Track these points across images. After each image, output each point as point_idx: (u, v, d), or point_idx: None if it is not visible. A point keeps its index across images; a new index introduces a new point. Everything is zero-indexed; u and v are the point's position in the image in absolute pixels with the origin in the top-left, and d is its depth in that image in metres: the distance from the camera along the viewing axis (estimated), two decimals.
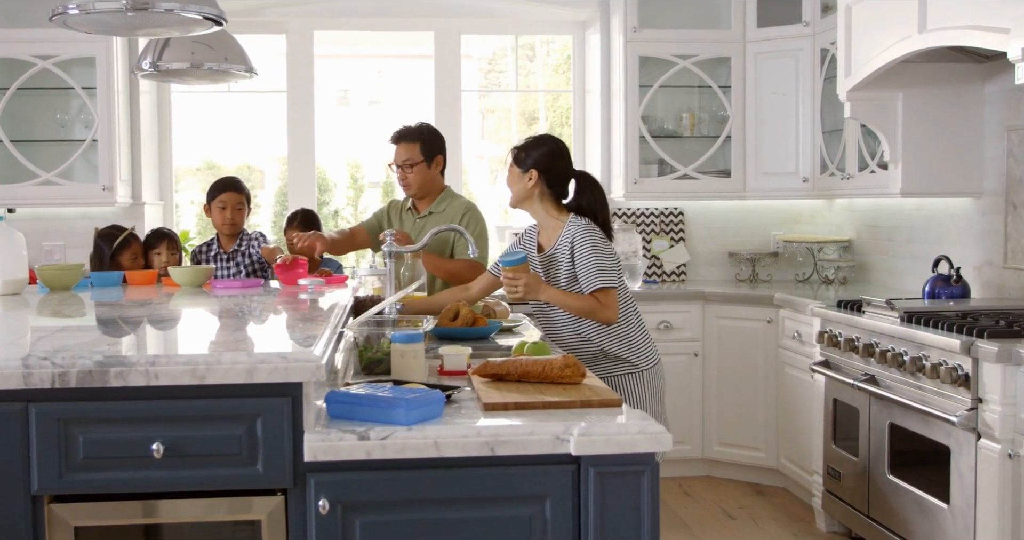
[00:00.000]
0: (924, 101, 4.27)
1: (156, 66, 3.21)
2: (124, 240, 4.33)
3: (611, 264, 3.21)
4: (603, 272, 3.16)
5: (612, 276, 3.18)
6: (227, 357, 1.87)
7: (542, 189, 3.32)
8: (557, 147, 3.36)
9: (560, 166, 3.34)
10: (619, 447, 1.91)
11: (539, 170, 3.30)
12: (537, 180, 3.30)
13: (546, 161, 3.31)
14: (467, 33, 5.95)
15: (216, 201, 4.42)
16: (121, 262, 4.35)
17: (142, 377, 1.85)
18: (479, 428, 1.92)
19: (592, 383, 2.26)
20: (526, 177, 3.30)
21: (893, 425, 3.68)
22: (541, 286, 3.18)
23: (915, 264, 4.81)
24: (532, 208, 3.36)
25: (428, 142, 4.14)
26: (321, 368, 1.89)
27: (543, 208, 3.34)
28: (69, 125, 5.30)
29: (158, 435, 1.88)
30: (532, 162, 3.30)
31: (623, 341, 3.26)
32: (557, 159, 3.34)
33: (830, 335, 4.13)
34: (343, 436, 1.88)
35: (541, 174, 3.30)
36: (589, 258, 3.17)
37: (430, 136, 4.17)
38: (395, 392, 1.98)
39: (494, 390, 2.18)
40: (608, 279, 3.16)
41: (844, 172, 4.86)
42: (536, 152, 3.32)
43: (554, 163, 3.32)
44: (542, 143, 3.35)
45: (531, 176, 3.29)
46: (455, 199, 4.20)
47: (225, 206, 4.41)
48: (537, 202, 3.34)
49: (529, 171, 3.30)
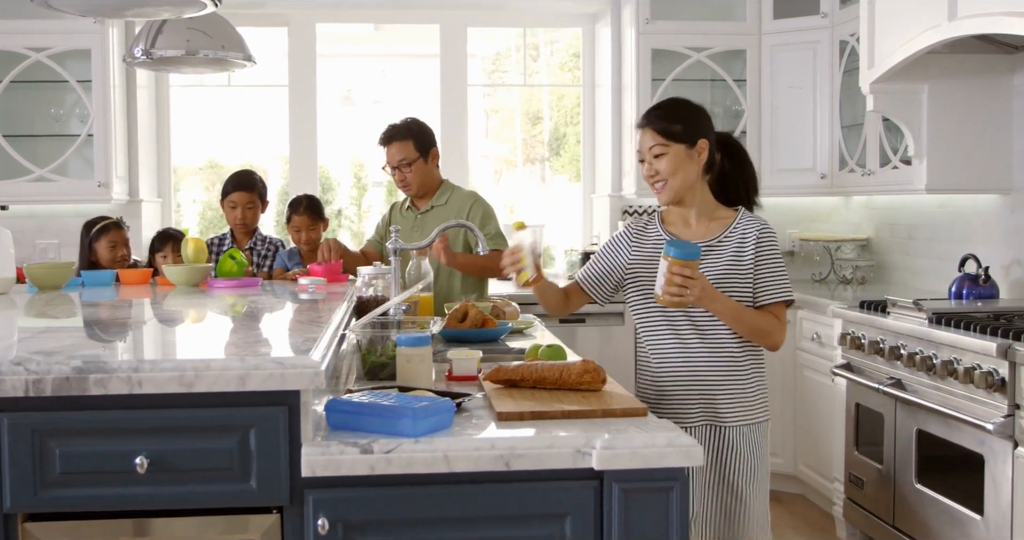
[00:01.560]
0: (950, 93, 4.10)
1: (149, 53, 3.05)
2: (103, 227, 4.17)
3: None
4: (787, 281, 2.55)
5: (790, 288, 2.58)
6: (217, 363, 1.71)
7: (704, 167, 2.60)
8: (702, 109, 2.66)
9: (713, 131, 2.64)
10: (646, 461, 1.75)
11: (711, 140, 2.59)
12: (707, 152, 2.57)
13: (710, 127, 2.61)
14: (473, 26, 5.79)
15: (227, 200, 4.30)
16: (97, 249, 4.19)
17: (124, 385, 1.69)
18: (493, 440, 1.76)
19: (613, 390, 2.09)
20: (695, 153, 2.56)
21: (921, 431, 3.51)
22: (716, 293, 2.44)
23: (938, 263, 4.64)
24: (692, 196, 2.61)
25: (420, 137, 3.97)
26: (320, 375, 1.72)
27: (704, 192, 2.63)
28: (64, 120, 5.15)
29: (142, 448, 1.72)
30: (702, 130, 2.58)
31: (761, 377, 2.62)
32: (710, 123, 2.63)
33: (853, 337, 3.96)
34: (344, 449, 1.72)
35: (711, 144, 2.58)
36: (778, 262, 2.55)
37: (420, 131, 4.00)
38: (401, 400, 1.82)
39: (508, 398, 2.02)
40: (790, 291, 2.56)
41: (865, 168, 4.69)
42: (698, 115, 2.61)
43: (712, 128, 2.63)
44: (692, 105, 2.64)
45: (701, 150, 2.56)
46: (456, 190, 4.04)
47: (236, 206, 4.28)
48: (700, 185, 2.61)
49: (698, 143, 2.56)
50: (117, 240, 4.22)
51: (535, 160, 6.52)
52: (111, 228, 4.20)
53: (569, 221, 6.06)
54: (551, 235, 5.95)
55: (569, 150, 6.31)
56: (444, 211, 3.96)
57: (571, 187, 6.17)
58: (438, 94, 5.74)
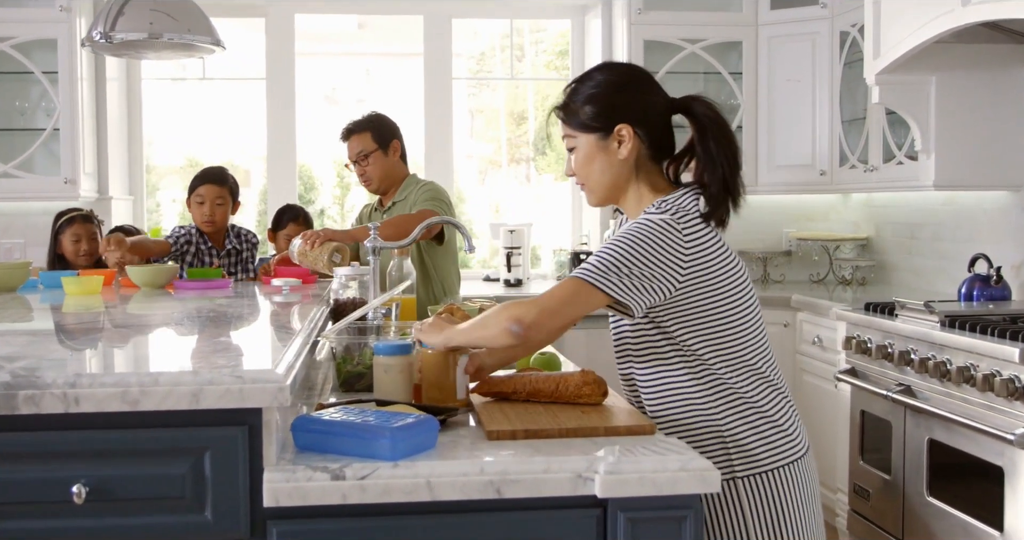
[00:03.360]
0: (959, 85, 3.91)
1: (108, 37, 2.82)
2: (68, 219, 3.93)
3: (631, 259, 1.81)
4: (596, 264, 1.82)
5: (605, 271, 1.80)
6: (166, 377, 1.49)
7: (640, 155, 1.96)
8: (631, 75, 2.00)
9: (653, 103, 1.96)
10: (656, 487, 1.54)
11: (645, 119, 1.95)
12: (633, 140, 1.94)
13: (643, 101, 1.95)
14: (458, 17, 5.58)
15: (194, 195, 3.92)
16: (62, 242, 3.95)
17: (59, 402, 1.47)
18: (482, 464, 1.54)
19: (616, 404, 1.88)
20: (610, 143, 1.95)
21: (933, 441, 3.32)
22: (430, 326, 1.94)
23: (943, 263, 4.45)
24: (626, 197, 2.00)
25: (379, 128, 3.79)
26: (285, 390, 1.51)
27: (644, 189, 1.98)
28: (29, 113, 4.90)
29: (80, 475, 1.50)
30: (623, 110, 1.94)
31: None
32: (646, 92, 1.97)
33: (859, 341, 3.77)
34: (312, 475, 1.50)
35: (636, 127, 1.94)
36: (609, 244, 1.86)
37: (379, 122, 3.82)
38: (378, 418, 1.61)
39: (499, 413, 1.80)
40: (589, 270, 1.81)
41: (867, 164, 4.50)
42: (617, 88, 1.96)
43: (647, 101, 1.96)
44: (612, 74, 2.00)
45: (622, 138, 1.94)
46: (419, 184, 3.82)
47: (203, 201, 3.90)
48: (638, 182, 1.97)
49: (615, 130, 1.94)
50: (81, 233, 3.98)
51: (520, 160, 6.33)
52: (76, 220, 3.96)
53: (556, 221, 5.87)
54: (538, 235, 5.74)
55: (555, 149, 6.13)
56: (403, 207, 3.76)
57: (557, 186, 5.99)
58: (422, 90, 5.53)
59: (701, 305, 1.87)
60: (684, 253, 1.85)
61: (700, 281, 1.87)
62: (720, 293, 1.88)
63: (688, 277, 1.85)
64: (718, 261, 1.89)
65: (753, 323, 1.92)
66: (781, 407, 1.93)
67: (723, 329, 1.89)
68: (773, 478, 1.90)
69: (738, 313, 1.90)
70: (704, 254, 1.88)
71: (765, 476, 1.89)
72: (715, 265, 1.88)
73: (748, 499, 1.88)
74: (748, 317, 1.92)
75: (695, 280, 1.86)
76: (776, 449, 1.91)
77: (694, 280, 1.86)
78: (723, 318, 1.89)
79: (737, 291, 1.91)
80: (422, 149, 5.49)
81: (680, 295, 1.86)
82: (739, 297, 1.91)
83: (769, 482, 1.89)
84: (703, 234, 1.89)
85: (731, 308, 1.89)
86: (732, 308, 1.90)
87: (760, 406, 1.90)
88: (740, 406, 1.89)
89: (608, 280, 1.80)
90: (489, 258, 5.85)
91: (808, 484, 1.95)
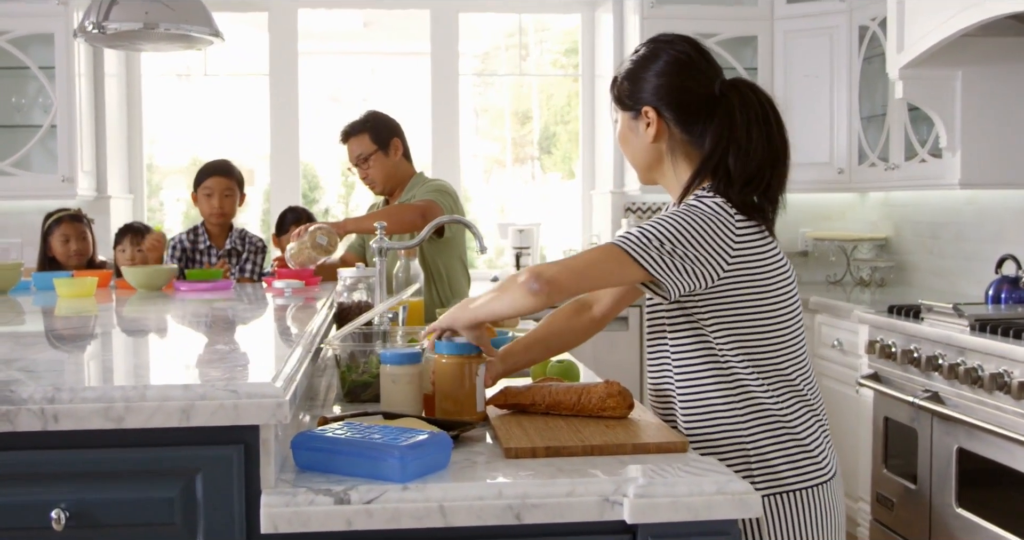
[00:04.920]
0: (986, 80, 3.77)
1: (101, 27, 2.69)
2: (57, 219, 3.81)
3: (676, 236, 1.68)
4: (636, 231, 1.70)
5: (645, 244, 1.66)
6: (154, 391, 1.36)
7: (673, 139, 1.83)
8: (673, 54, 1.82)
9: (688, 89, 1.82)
10: (691, 512, 1.40)
11: (659, 105, 1.81)
12: (657, 124, 1.82)
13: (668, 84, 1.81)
14: (466, 11, 5.45)
15: (202, 187, 3.88)
16: (51, 243, 3.83)
17: (36, 419, 1.34)
18: (500, 487, 1.41)
19: (643, 418, 1.74)
20: (638, 124, 1.84)
21: (962, 450, 3.18)
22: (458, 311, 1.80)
23: (966, 264, 4.31)
24: (664, 178, 1.88)
25: (377, 128, 3.65)
26: (284, 406, 1.38)
27: (677, 178, 1.85)
28: (25, 109, 4.77)
29: (60, 499, 1.36)
30: (650, 91, 1.81)
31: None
32: (684, 76, 1.82)
33: (883, 345, 3.63)
34: (314, 498, 1.37)
35: (663, 110, 1.82)
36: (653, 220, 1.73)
37: (378, 122, 3.68)
38: (387, 434, 1.48)
39: (517, 428, 1.67)
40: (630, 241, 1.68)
41: (888, 162, 4.36)
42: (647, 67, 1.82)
43: (682, 86, 1.81)
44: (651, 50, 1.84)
45: (649, 121, 1.82)
46: (426, 183, 3.68)
47: (212, 193, 3.86)
48: (671, 165, 1.85)
49: (642, 112, 1.82)
50: (70, 234, 3.86)
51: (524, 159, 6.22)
52: (64, 220, 3.84)
53: (563, 220, 5.74)
54: (546, 235, 5.60)
55: (561, 148, 6.02)
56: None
57: (563, 185, 5.86)
58: (429, 87, 5.41)
59: (741, 303, 1.73)
60: (734, 240, 1.71)
61: (745, 275, 1.72)
62: (763, 293, 1.74)
63: (733, 267, 1.71)
64: (767, 258, 1.75)
65: (794, 333, 1.78)
66: (812, 428, 1.79)
67: (760, 333, 1.75)
68: (794, 500, 1.76)
69: (779, 319, 1.76)
70: (753, 247, 1.73)
71: (786, 497, 1.75)
72: (763, 261, 1.74)
73: (767, 519, 1.74)
74: (789, 326, 1.78)
75: (740, 273, 1.72)
76: (800, 470, 1.76)
77: (739, 273, 1.72)
78: (762, 321, 1.75)
79: (782, 295, 1.76)
80: (429, 148, 5.36)
81: (722, 287, 1.72)
82: (783, 302, 1.77)
83: (789, 503, 1.76)
84: (754, 226, 1.75)
85: (773, 312, 1.75)
86: (774, 312, 1.76)
87: (788, 422, 1.76)
88: (768, 420, 1.75)
89: (648, 253, 1.66)
90: (495, 258, 5.72)
91: (832, 511, 1.80)
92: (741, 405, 1.75)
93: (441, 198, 3.48)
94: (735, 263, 1.71)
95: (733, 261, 1.70)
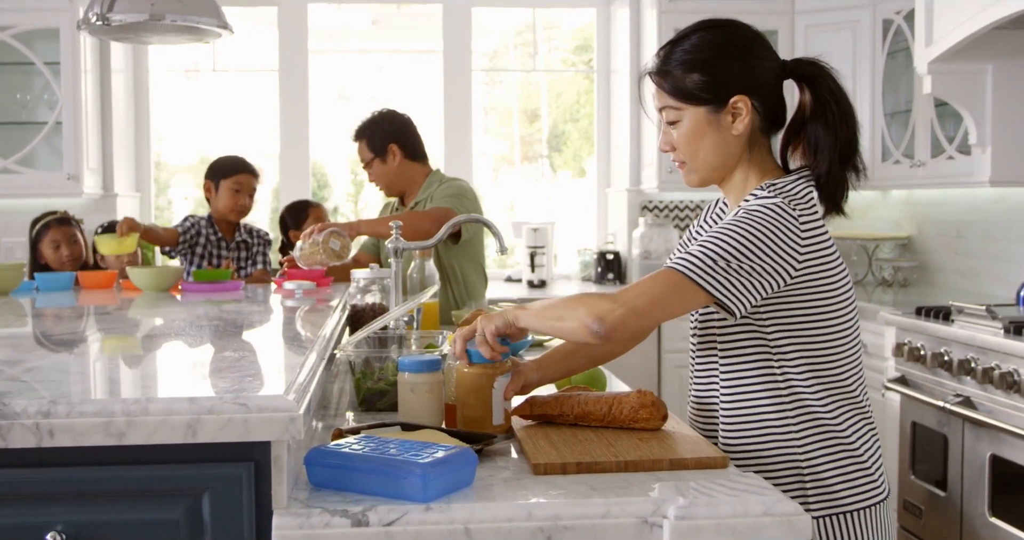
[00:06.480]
0: (1019, 74, 3.65)
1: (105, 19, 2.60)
2: (44, 225, 3.72)
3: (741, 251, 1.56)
4: (698, 254, 1.57)
5: (710, 266, 1.54)
6: (157, 405, 1.26)
7: (755, 130, 1.70)
8: (742, 36, 1.71)
9: (767, 69, 1.69)
10: (735, 536, 1.30)
11: (760, 88, 1.67)
12: (751, 113, 1.67)
13: (757, 67, 1.67)
14: (478, 6, 5.35)
15: (230, 181, 3.83)
16: (41, 250, 3.74)
17: (30, 435, 1.24)
18: (529, 507, 1.31)
19: (678, 430, 1.64)
20: (724, 117, 1.68)
21: (996, 457, 3.07)
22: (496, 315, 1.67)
23: (994, 264, 4.19)
24: (731, 176, 1.74)
25: (372, 136, 3.57)
26: (297, 421, 1.28)
27: (753, 168, 1.72)
28: (30, 106, 4.69)
29: (56, 520, 1.27)
30: (739, 79, 1.66)
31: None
32: (760, 56, 1.69)
33: (911, 348, 3.51)
34: (330, 520, 1.27)
35: (754, 99, 1.67)
36: (712, 234, 1.60)
37: (374, 128, 3.59)
38: (406, 449, 1.38)
39: (544, 441, 1.57)
40: (692, 264, 1.55)
41: (913, 159, 4.24)
42: (730, 54, 1.67)
43: (762, 66, 1.68)
44: (722, 36, 1.70)
45: (737, 112, 1.67)
46: (443, 182, 3.58)
47: (240, 189, 3.84)
48: (749, 159, 1.72)
49: (731, 102, 1.66)
50: (60, 239, 3.77)
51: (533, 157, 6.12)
52: (52, 225, 3.75)
53: (575, 218, 5.64)
54: (560, 235, 5.49)
55: (571, 146, 5.91)
56: (425, 206, 3.51)
57: (574, 183, 5.76)
58: (437, 85, 5.32)
59: (805, 306, 1.62)
60: (801, 242, 1.59)
61: (810, 277, 1.61)
62: (827, 295, 1.63)
63: (802, 270, 1.60)
64: (831, 257, 1.64)
65: (853, 339, 1.67)
66: (869, 443, 1.68)
67: (823, 338, 1.64)
68: (849, 521, 1.65)
69: (840, 324, 1.65)
70: (819, 246, 1.62)
71: (840, 518, 1.65)
72: (827, 262, 1.63)
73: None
74: (848, 331, 1.67)
75: (806, 275, 1.61)
76: (857, 488, 1.66)
77: (805, 275, 1.61)
78: (826, 325, 1.64)
79: (844, 295, 1.66)
80: (438, 146, 5.27)
81: (786, 290, 1.61)
82: (845, 303, 1.66)
83: (844, 525, 1.65)
84: (819, 224, 1.63)
85: (836, 314, 1.64)
86: (836, 315, 1.64)
87: (845, 437, 1.65)
88: (824, 434, 1.64)
89: (712, 276, 1.55)
90: (505, 258, 5.62)
91: (887, 533, 1.70)
92: (796, 418, 1.64)
93: (459, 204, 3.38)
94: (804, 263, 1.60)
95: (802, 262, 1.60)
